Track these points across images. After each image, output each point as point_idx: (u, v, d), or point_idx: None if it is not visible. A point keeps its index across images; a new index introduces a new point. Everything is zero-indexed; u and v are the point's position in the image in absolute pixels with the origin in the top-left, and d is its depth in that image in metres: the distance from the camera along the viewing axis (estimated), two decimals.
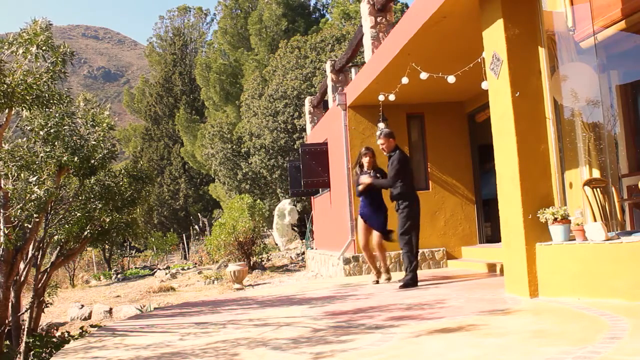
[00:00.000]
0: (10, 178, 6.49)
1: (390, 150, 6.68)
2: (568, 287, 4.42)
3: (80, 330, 7.78)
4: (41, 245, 7.35)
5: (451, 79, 6.53)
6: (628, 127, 6.17)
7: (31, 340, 6.79)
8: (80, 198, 7.41)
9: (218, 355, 3.57)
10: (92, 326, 8.72)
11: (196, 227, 34.03)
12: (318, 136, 11.70)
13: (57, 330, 9.30)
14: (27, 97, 5.42)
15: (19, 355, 6.70)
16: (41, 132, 6.41)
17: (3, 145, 6.30)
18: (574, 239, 4.49)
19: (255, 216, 16.17)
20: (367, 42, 9.24)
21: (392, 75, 7.24)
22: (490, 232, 9.28)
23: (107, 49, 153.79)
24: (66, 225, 7.35)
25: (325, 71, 15.96)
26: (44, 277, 7.57)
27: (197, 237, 32.73)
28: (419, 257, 8.75)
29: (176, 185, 33.95)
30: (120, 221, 7.90)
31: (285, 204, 21.51)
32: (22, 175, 6.45)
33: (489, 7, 4.97)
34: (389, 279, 7.17)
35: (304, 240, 19.29)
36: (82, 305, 13.45)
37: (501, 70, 4.83)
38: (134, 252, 32.08)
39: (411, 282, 6.38)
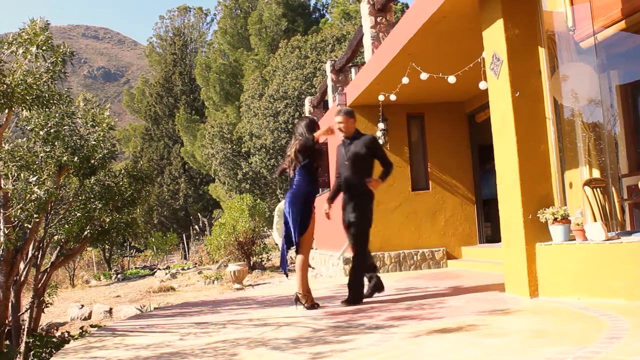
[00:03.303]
0: (10, 178, 6.50)
1: (350, 133, 5.59)
2: (568, 287, 4.42)
3: (80, 330, 7.79)
4: (41, 245, 7.35)
5: (451, 79, 6.53)
6: (628, 127, 6.17)
7: (31, 340, 6.79)
8: (80, 198, 7.41)
9: (217, 355, 3.56)
10: (92, 326, 8.72)
11: (196, 227, 34.03)
12: None
13: (57, 330, 9.32)
14: (27, 97, 5.42)
15: (19, 355, 6.70)
16: (41, 132, 6.42)
17: (3, 145, 6.30)
18: (574, 239, 4.49)
19: (255, 216, 16.17)
20: (367, 42, 9.24)
21: (392, 75, 7.24)
22: (490, 232, 9.28)
23: (107, 49, 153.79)
24: (66, 225, 7.35)
25: (325, 71, 15.95)
26: (44, 277, 7.58)
27: (197, 237, 32.73)
28: (418, 257, 8.80)
29: (176, 185, 33.95)
30: (120, 221, 7.91)
31: (284, 203, 21.48)
32: (22, 175, 6.45)
33: (489, 7, 4.97)
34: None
35: None
36: (82, 305, 13.45)
37: (501, 70, 4.83)
38: (134, 252, 32.08)
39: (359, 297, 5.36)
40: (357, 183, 5.42)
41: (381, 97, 8.02)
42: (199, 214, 33.98)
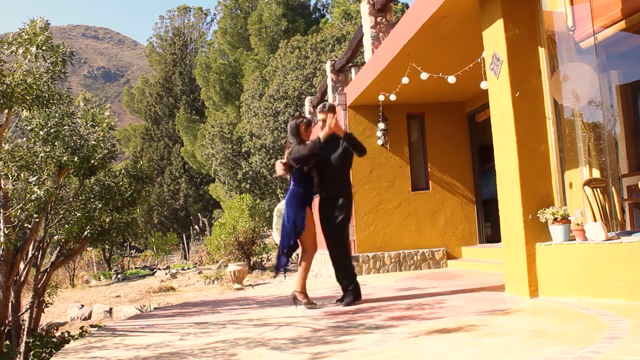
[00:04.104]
0: (10, 178, 6.50)
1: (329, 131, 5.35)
2: (568, 287, 4.42)
3: (80, 330, 7.78)
4: (41, 245, 7.35)
5: (451, 79, 6.53)
6: (628, 127, 6.17)
7: (31, 340, 6.79)
8: (80, 198, 7.41)
9: (217, 355, 3.56)
10: (92, 326, 8.72)
11: (196, 227, 34.02)
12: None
13: (57, 330, 9.32)
14: (27, 97, 5.42)
15: (19, 355, 6.70)
16: (41, 132, 6.42)
17: (3, 145, 6.30)
18: (574, 239, 4.49)
19: (255, 216, 16.17)
20: (367, 42, 9.23)
21: (392, 75, 7.24)
22: (490, 232, 9.28)
23: (107, 49, 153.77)
24: (66, 225, 7.35)
25: (325, 71, 15.96)
26: (44, 277, 7.58)
27: (197, 237, 32.72)
28: (418, 257, 8.80)
29: (176, 185, 33.95)
30: (120, 221, 7.91)
31: (284, 204, 21.45)
32: (22, 175, 6.46)
33: (489, 7, 4.97)
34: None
35: None
36: (82, 305, 13.46)
37: (501, 70, 4.83)
38: (134, 252, 32.06)
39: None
40: (339, 182, 5.33)
41: (381, 97, 8.02)
42: (199, 214, 33.98)
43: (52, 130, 6.44)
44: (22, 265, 6.93)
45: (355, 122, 8.98)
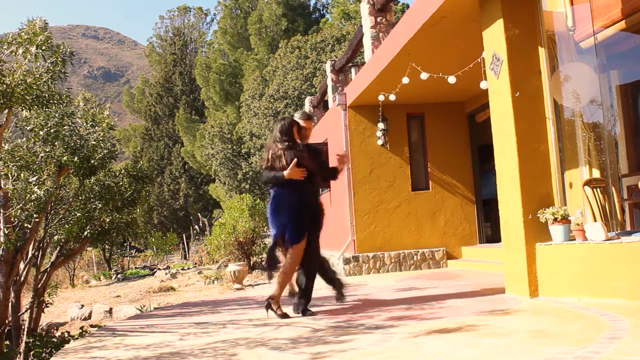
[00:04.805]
0: (10, 178, 6.50)
1: (307, 140, 5.31)
2: (568, 287, 4.42)
3: (80, 330, 7.78)
4: (41, 245, 7.35)
5: (451, 79, 6.53)
6: (628, 127, 6.17)
7: (31, 340, 6.79)
8: (80, 198, 7.41)
9: (217, 355, 3.56)
10: (92, 326, 8.72)
11: (196, 227, 34.03)
12: (318, 136, 11.70)
13: (57, 330, 9.32)
14: (27, 97, 5.43)
15: (19, 355, 6.70)
16: (41, 132, 6.42)
17: (3, 145, 6.30)
18: (574, 239, 4.49)
19: (255, 216, 16.16)
20: (367, 42, 9.24)
21: (392, 75, 7.24)
22: (490, 232, 9.28)
23: (107, 49, 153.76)
24: (66, 225, 7.35)
25: (325, 71, 15.96)
26: (44, 277, 7.58)
27: (197, 237, 32.72)
28: (418, 257, 8.80)
29: (176, 185, 33.94)
30: (120, 221, 7.91)
31: None
32: (22, 175, 6.46)
33: (489, 7, 4.97)
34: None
35: None
36: (82, 305, 13.46)
37: (501, 70, 4.83)
38: (134, 252, 32.05)
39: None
40: (316, 194, 5.28)
41: (381, 97, 8.02)
42: (199, 214, 33.98)
43: (52, 130, 6.43)
44: (22, 265, 6.93)
45: (355, 122, 8.98)
